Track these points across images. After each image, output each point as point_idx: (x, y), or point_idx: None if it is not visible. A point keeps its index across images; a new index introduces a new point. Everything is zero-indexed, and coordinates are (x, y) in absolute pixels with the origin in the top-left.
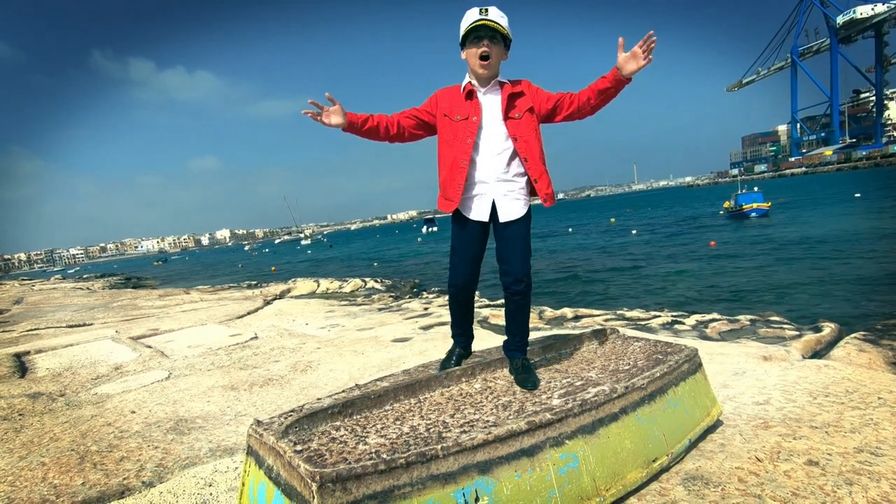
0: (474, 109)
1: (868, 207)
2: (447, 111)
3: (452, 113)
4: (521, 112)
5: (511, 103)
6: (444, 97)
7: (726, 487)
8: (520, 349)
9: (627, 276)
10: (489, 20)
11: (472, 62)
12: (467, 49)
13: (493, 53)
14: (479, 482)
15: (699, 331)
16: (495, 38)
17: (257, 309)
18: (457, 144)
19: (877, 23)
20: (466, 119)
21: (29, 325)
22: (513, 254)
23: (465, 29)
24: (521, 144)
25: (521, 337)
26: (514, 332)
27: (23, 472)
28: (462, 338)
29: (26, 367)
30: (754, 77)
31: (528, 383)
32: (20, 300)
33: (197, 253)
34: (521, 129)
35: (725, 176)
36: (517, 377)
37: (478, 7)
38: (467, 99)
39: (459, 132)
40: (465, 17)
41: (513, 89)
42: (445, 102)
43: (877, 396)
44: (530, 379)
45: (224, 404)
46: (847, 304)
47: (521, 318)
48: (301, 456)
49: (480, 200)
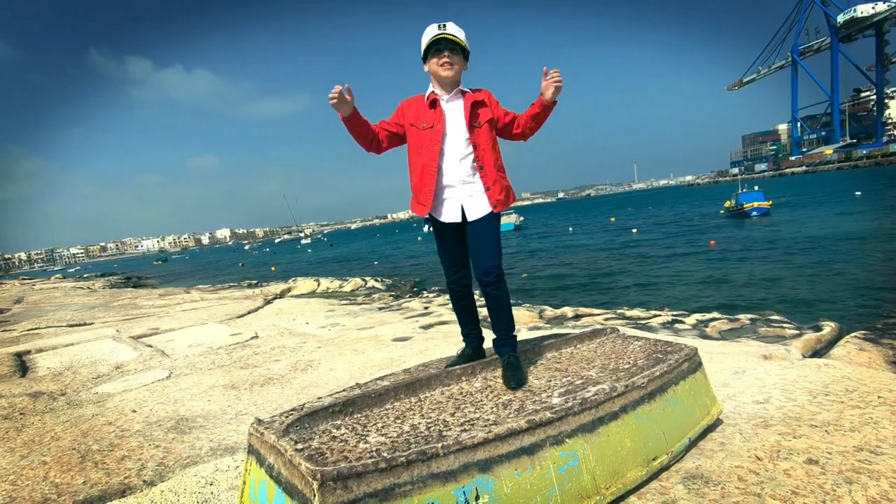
0: (438, 118)
1: (868, 206)
2: (413, 120)
3: (418, 122)
4: (482, 121)
5: (474, 111)
6: (409, 107)
7: (726, 486)
8: (507, 345)
9: (628, 275)
10: (448, 34)
11: (434, 70)
12: (429, 61)
13: (454, 62)
14: (480, 480)
15: (699, 330)
16: (455, 49)
17: (258, 308)
18: (425, 152)
19: (877, 21)
20: (432, 127)
21: (29, 325)
22: (481, 249)
23: (426, 43)
24: (479, 153)
25: (505, 331)
26: (497, 326)
27: (24, 470)
28: (470, 338)
29: (27, 367)
30: (755, 76)
31: (512, 381)
32: (21, 299)
33: (197, 252)
34: (480, 138)
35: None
36: (503, 374)
37: (436, 24)
38: (431, 108)
39: (426, 140)
40: (424, 34)
41: (475, 97)
42: (411, 112)
43: (877, 395)
44: (515, 376)
45: (225, 403)
46: (847, 304)
47: (501, 311)
48: (302, 454)
49: (450, 203)
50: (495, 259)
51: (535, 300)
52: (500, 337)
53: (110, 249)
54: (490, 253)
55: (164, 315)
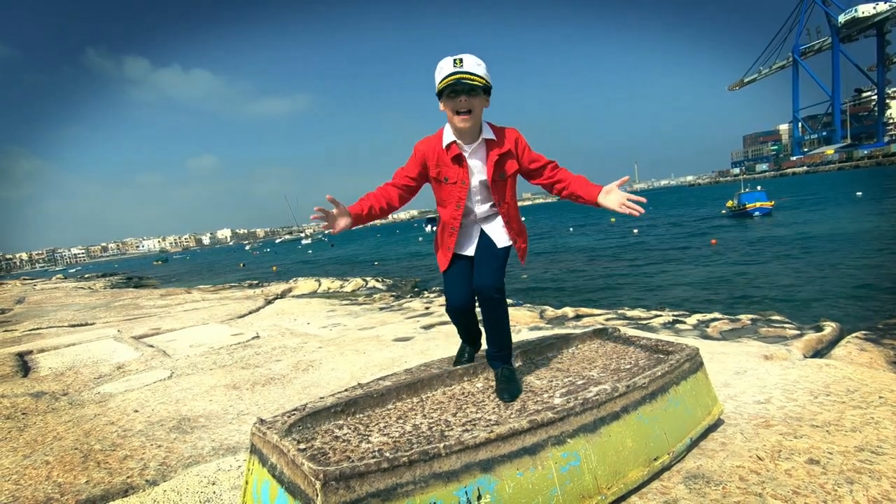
0: (463, 173)
1: (870, 207)
2: (435, 174)
3: (441, 175)
4: (506, 175)
5: (499, 167)
6: (429, 156)
7: (727, 486)
8: (499, 359)
9: (629, 275)
10: (465, 73)
11: (451, 117)
12: (445, 102)
13: (473, 106)
14: (482, 480)
15: (700, 330)
16: (474, 90)
17: (259, 308)
18: (449, 208)
19: (878, 21)
20: (455, 183)
21: (31, 325)
22: (487, 265)
23: (441, 83)
24: (504, 208)
25: (498, 347)
26: (492, 341)
27: (27, 470)
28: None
29: (29, 367)
30: (756, 76)
31: (505, 394)
32: (22, 299)
33: (198, 252)
34: (505, 193)
35: (727, 175)
36: (497, 386)
37: (451, 58)
38: (454, 162)
39: (450, 196)
40: (438, 69)
41: (500, 150)
42: (432, 163)
43: (878, 395)
44: (508, 389)
45: (226, 403)
46: (848, 304)
47: (498, 327)
48: (304, 454)
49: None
50: (499, 275)
51: (535, 300)
52: (493, 351)
53: (111, 250)
54: (494, 270)
55: (165, 315)
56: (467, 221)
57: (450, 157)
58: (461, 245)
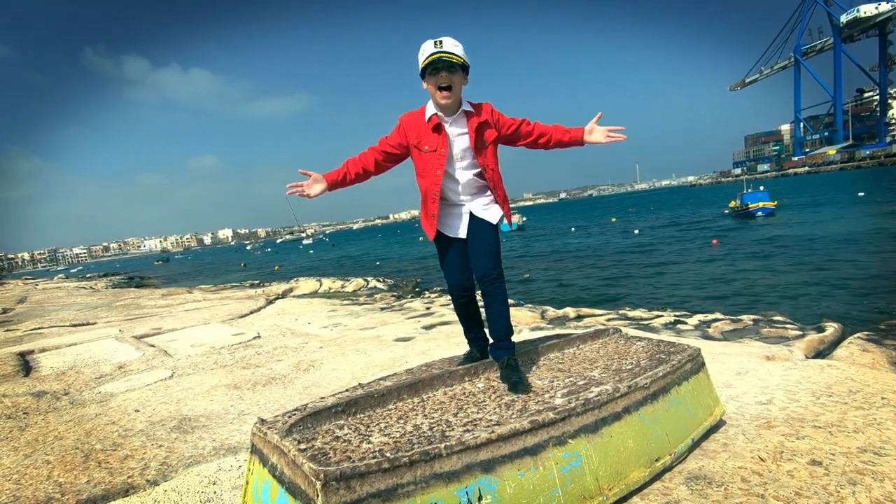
0: (442, 141)
1: (872, 207)
2: (415, 142)
3: (421, 144)
4: (487, 142)
5: (479, 135)
6: (410, 127)
7: (729, 487)
8: (503, 348)
9: (630, 275)
10: (444, 52)
11: (433, 94)
12: (427, 80)
13: (453, 83)
14: (483, 481)
15: (702, 330)
16: (453, 68)
17: (260, 308)
18: (427, 176)
19: (880, 22)
20: (435, 151)
21: (33, 324)
22: (481, 250)
23: (423, 63)
24: (489, 174)
25: (502, 332)
26: (494, 328)
27: (28, 470)
28: (476, 341)
29: (30, 366)
30: (757, 76)
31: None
32: (24, 299)
33: (199, 252)
34: (488, 160)
35: (728, 175)
36: (501, 377)
37: (432, 40)
38: (434, 131)
39: (429, 164)
40: (421, 51)
41: (479, 119)
42: (413, 132)
43: (880, 396)
44: (513, 378)
45: (227, 403)
46: (850, 304)
47: (498, 311)
48: (305, 454)
49: (460, 219)
50: (495, 259)
51: (536, 300)
52: (496, 340)
53: (113, 249)
54: (491, 254)
55: (166, 315)
56: (453, 200)
57: (430, 127)
58: (451, 227)
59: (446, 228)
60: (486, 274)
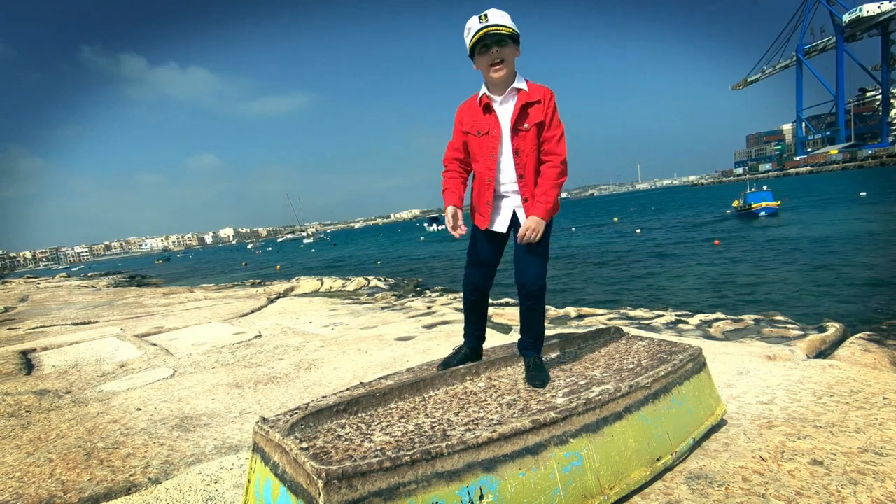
0: (493, 122)
1: (874, 207)
2: (469, 128)
3: (474, 128)
4: (529, 124)
5: (523, 113)
6: (465, 114)
7: (730, 486)
8: (532, 348)
9: (631, 275)
10: (491, 26)
11: (485, 72)
12: (477, 59)
13: (505, 56)
14: (484, 480)
15: (703, 330)
16: (503, 41)
17: (261, 307)
18: (482, 160)
19: (883, 21)
20: (487, 133)
21: (35, 323)
22: (527, 258)
23: (471, 41)
24: (521, 160)
25: (533, 338)
26: (526, 332)
27: (31, 468)
28: (473, 336)
29: (32, 365)
30: (759, 76)
31: (537, 381)
32: (26, 298)
33: (201, 251)
34: (525, 144)
35: (730, 175)
36: (527, 374)
37: (476, 16)
38: (485, 112)
39: (483, 148)
40: (466, 29)
41: (529, 97)
42: (467, 118)
43: (881, 396)
44: (539, 377)
45: (229, 402)
46: (852, 304)
47: (533, 319)
48: (307, 453)
49: (502, 213)
50: (540, 270)
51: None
52: (525, 340)
53: (114, 248)
54: (536, 263)
55: (168, 314)
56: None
57: (481, 109)
58: (496, 220)
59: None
60: (530, 288)
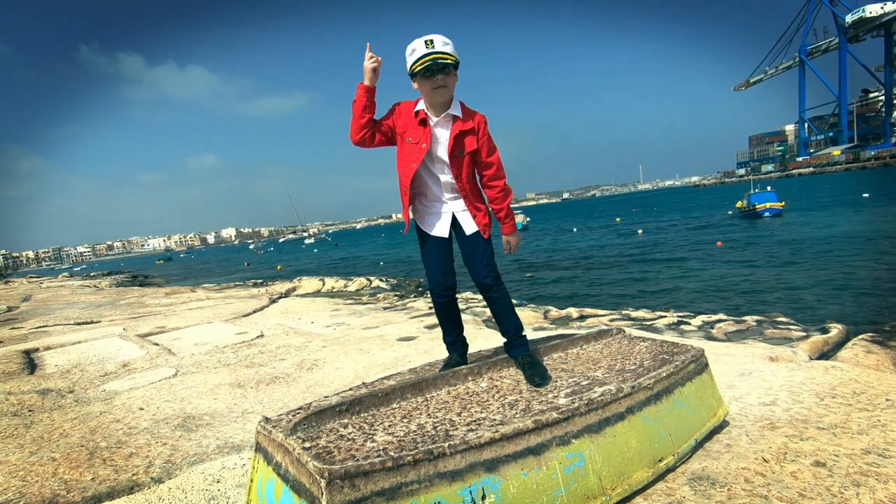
0: (425, 136)
1: (877, 208)
2: (401, 131)
3: (405, 134)
4: (465, 151)
5: (458, 142)
6: (401, 115)
7: (732, 488)
8: (518, 346)
9: (633, 275)
10: (437, 53)
11: (427, 93)
12: (420, 81)
13: (447, 83)
14: (486, 480)
15: (705, 331)
16: (447, 68)
17: (263, 307)
18: (403, 167)
19: (886, 22)
20: (417, 144)
21: (38, 323)
22: (476, 258)
23: (415, 63)
24: (460, 184)
25: (513, 332)
26: (505, 328)
27: (33, 467)
28: (455, 345)
29: (35, 364)
30: (762, 76)
31: (536, 378)
32: (29, 297)
33: (202, 251)
34: (462, 168)
35: (732, 176)
36: (525, 374)
37: (422, 39)
38: (420, 124)
39: (408, 155)
40: (410, 50)
41: (463, 125)
42: (402, 121)
43: (884, 398)
44: (537, 373)
45: (231, 402)
46: (855, 305)
47: (505, 313)
48: (309, 453)
49: (440, 218)
50: (489, 263)
51: (539, 301)
52: (510, 340)
53: (117, 248)
54: (485, 260)
55: (170, 314)
56: (432, 197)
57: (417, 121)
58: (430, 224)
59: (426, 225)
60: (483, 281)
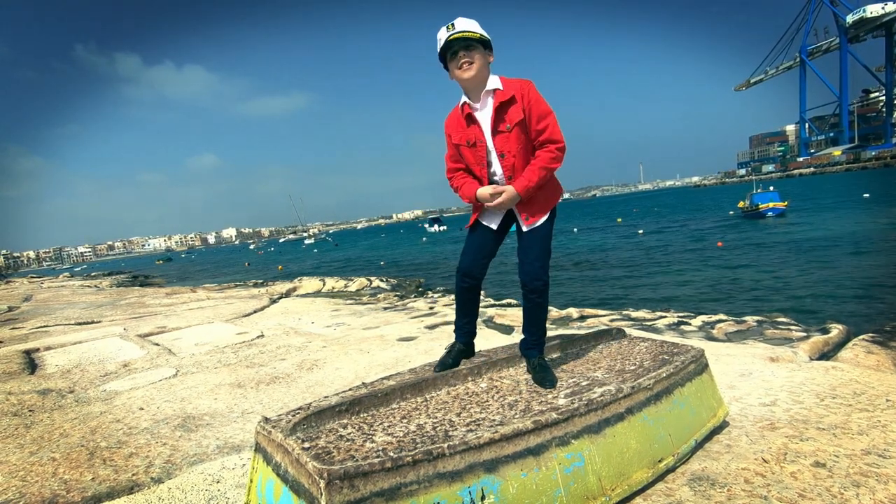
0: (478, 132)
1: (877, 208)
2: (458, 140)
3: (462, 140)
4: (510, 124)
5: (499, 116)
6: (451, 126)
7: (732, 488)
8: (535, 347)
9: (633, 276)
10: (458, 33)
11: (455, 75)
12: (450, 66)
13: (472, 58)
14: (486, 480)
15: (705, 331)
16: (470, 45)
17: (263, 307)
18: (477, 169)
19: (887, 22)
20: (475, 145)
21: (38, 322)
22: (529, 255)
23: (440, 50)
24: (507, 161)
25: (537, 336)
26: (530, 330)
27: (34, 467)
28: (463, 332)
29: (36, 364)
30: (762, 76)
31: (546, 382)
32: (29, 297)
33: (203, 251)
34: (508, 145)
35: (733, 176)
36: (534, 376)
37: (444, 26)
38: (469, 123)
39: (476, 157)
40: (438, 41)
41: (503, 97)
42: (454, 132)
43: (885, 398)
44: (547, 378)
45: (231, 402)
46: (855, 306)
47: (536, 317)
48: (309, 453)
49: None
50: (542, 266)
51: None
52: (528, 339)
53: (117, 248)
54: (538, 259)
55: (170, 314)
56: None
57: (464, 121)
58: (486, 215)
59: (483, 216)
60: (532, 284)
